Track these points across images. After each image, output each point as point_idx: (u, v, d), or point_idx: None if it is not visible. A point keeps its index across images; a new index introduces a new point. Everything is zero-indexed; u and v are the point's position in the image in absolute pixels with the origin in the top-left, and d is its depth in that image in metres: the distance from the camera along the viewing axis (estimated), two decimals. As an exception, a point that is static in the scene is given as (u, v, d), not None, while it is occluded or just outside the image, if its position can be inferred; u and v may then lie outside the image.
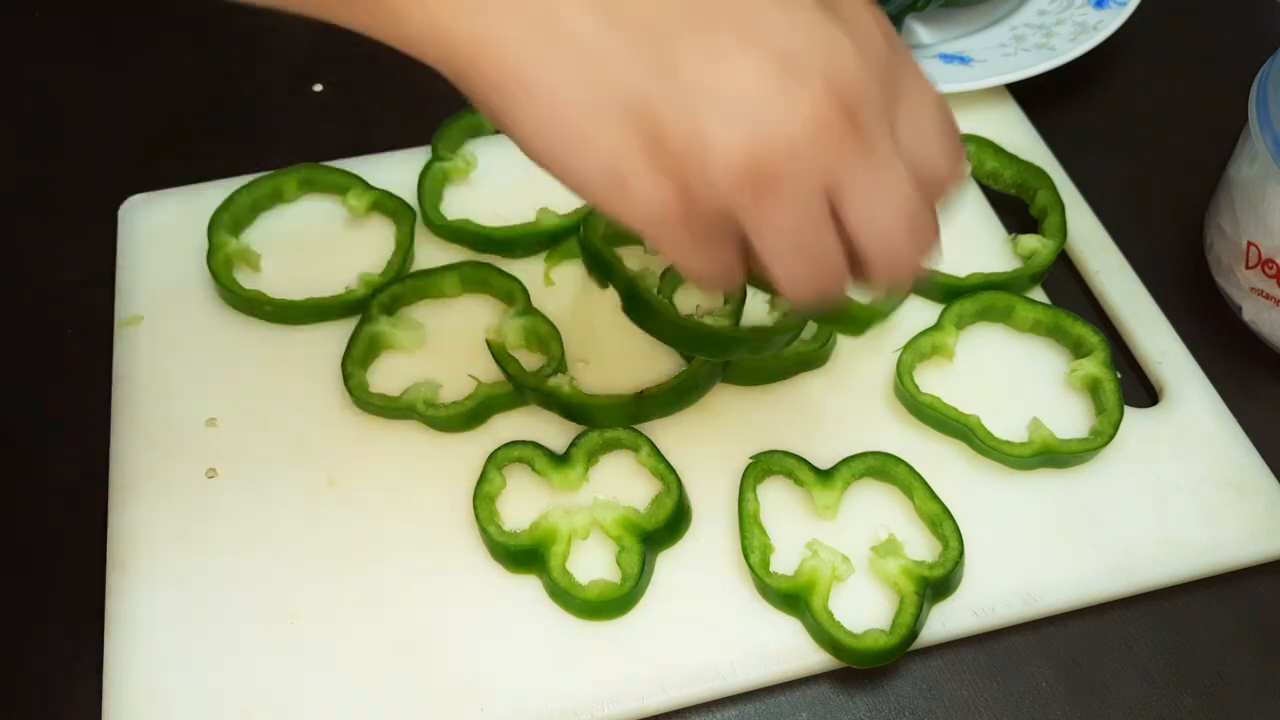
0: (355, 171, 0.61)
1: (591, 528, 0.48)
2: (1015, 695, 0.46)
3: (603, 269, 0.51)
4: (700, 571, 0.48)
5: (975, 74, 0.65)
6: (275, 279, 0.57)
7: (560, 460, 0.50)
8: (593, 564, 0.48)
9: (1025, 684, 0.46)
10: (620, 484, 0.50)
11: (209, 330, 0.55)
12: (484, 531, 0.48)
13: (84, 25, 0.72)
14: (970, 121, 0.64)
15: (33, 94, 0.68)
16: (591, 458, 0.50)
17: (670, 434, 0.51)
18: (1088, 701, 0.46)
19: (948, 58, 0.67)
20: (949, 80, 0.64)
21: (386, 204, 0.59)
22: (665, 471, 0.49)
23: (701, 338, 0.50)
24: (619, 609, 0.46)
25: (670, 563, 0.48)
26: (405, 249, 0.57)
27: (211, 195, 0.60)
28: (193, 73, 0.70)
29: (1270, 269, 0.54)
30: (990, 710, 0.46)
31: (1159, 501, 0.50)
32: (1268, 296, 0.55)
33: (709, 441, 0.52)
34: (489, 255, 0.57)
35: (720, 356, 0.51)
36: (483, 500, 0.49)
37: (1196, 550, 0.49)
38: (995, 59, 0.66)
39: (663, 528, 0.48)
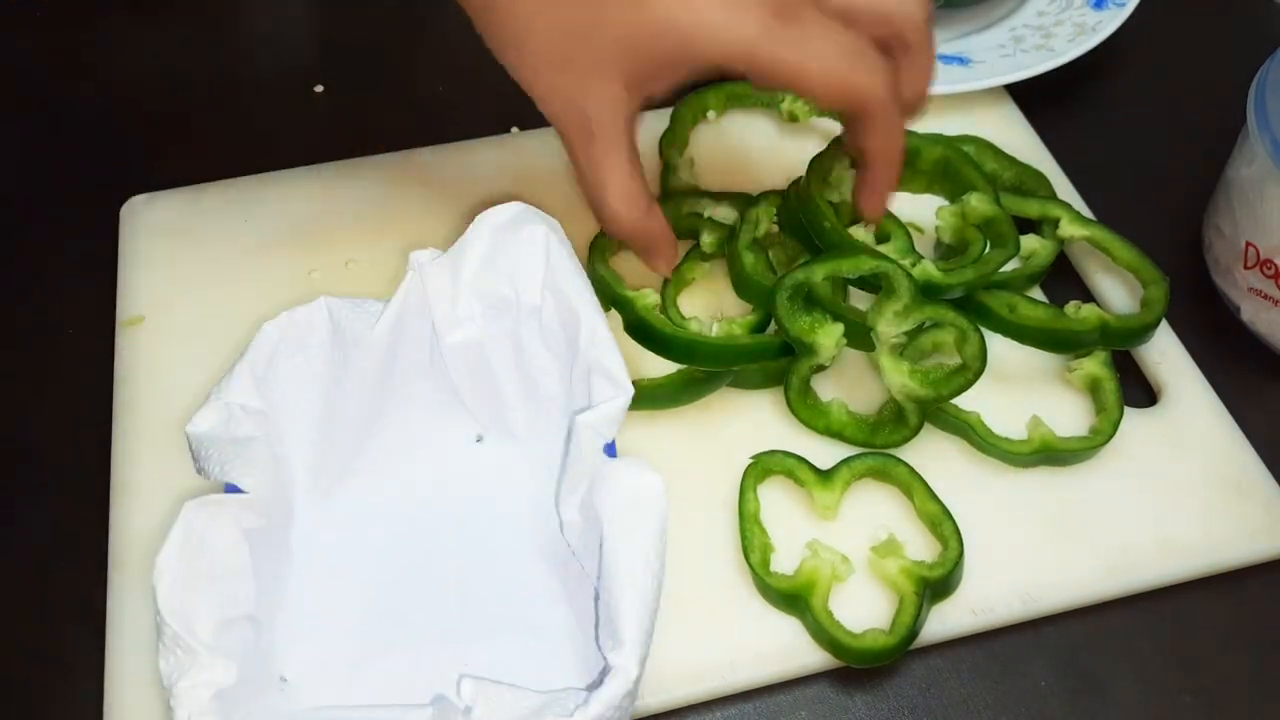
0: (358, 172, 0.61)
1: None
2: (1014, 695, 0.46)
3: (605, 293, 0.52)
4: (700, 571, 0.48)
5: (974, 75, 0.65)
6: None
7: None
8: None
9: (1024, 683, 0.46)
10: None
11: (210, 330, 0.55)
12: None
13: (84, 24, 0.72)
14: (969, 122, 0.64)
15: (33, 93, 0.69)
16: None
17: (671, 432, 0.51)
18: (1086, 701, 0.46)
19: (947, 59, 0.67)
20: (948, 82, 0.64)
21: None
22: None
23: (700, 351, 0.50)
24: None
25: (670, 563, 0.48)
26: None
27: (212, 195, 0.60)
28: (193, 73, 0.70)
29: (1268, 269, 0.54)
30: (989, 709, 0.46)
31: (1157, 502, 0.50)
32: (1266, 297, 0.55)
33: (709, 441, 0.52)
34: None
35: (722, 366, 0.51)
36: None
37: (1195, 550, 0.49)
38: (994, 60, 0.66)
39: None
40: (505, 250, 0.47)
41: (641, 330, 0.51)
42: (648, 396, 0.51)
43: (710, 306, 0.56)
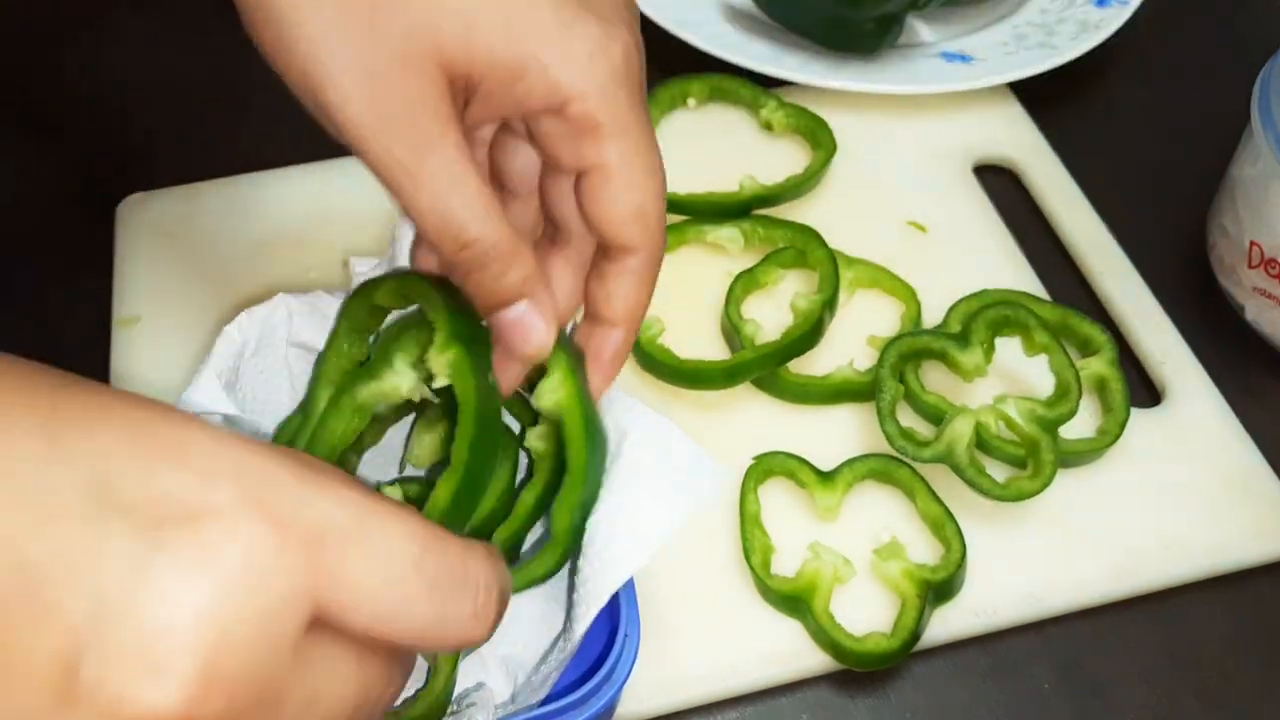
0: (349, 171, 0.61)
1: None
2: (1017, 697, 0.46)
3: None
4: (701, 572, 0.48)
5: (977, 73, 0.65)
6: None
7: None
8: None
9: (1027, 685, 0.46)
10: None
11: (207, 329, 0.55)
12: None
13: (83, 23, 0.72)
14: (971, 120, 0.64)
15: (32, 92, 0.68)
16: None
17: (671, 434, 0.51)
18: (1090, 703, 0.46)
19: (949, 56, 0.67)
20: (950, 79, 0.64)
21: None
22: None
23: (699, 375, 0.52)
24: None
25: (671, 564, 0.48)
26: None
27: (209, 194, 0.60)
28: (192, 71, 0.69)
29: (1273, 269, 0.54)
30: (992, 712, 0.45)
31: (1161, 502, 0.50)
32: (1270, 296, 0.55)
33: (710, 441, 0.51)
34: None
35: (723, 387, 0.52)
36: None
37: (1199, 551, 0.49)
38: (997, 57, 0.66)
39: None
40: None
41: (642, 357, 0.53)
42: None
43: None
